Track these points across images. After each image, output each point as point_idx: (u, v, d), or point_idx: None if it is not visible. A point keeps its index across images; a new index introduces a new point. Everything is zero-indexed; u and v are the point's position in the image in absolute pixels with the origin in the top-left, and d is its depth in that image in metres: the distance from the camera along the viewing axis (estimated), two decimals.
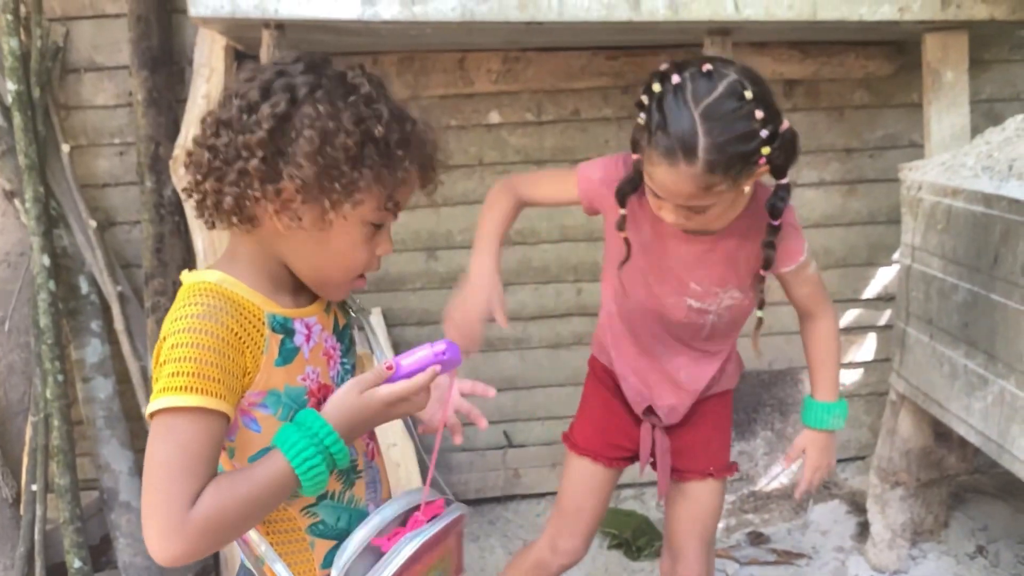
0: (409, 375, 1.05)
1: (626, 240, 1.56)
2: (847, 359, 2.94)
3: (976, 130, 2.29)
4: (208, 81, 2.43)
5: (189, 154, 1.05)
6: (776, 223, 1.48)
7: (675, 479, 1.80)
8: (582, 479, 1.82)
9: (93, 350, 2.51)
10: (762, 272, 1.55)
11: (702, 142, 1.28)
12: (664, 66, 1.36)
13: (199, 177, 1.04)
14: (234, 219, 1.03)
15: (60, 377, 2.35)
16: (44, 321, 2.33)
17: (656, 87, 1.34)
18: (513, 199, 1.66)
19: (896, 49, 2.63)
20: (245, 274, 1.07)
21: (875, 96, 2.74)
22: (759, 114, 1.30)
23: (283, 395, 1.05)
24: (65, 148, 2.50)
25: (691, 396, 1.73)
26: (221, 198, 1.02)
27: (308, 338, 1.10)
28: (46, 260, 2.36)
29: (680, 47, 2.51)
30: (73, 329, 2.50)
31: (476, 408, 1.34)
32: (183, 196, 1.11)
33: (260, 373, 1.03)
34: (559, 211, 2.74)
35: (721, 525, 2.75)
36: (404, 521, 1.14)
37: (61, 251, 2.48)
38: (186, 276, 1.08)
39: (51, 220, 2.42)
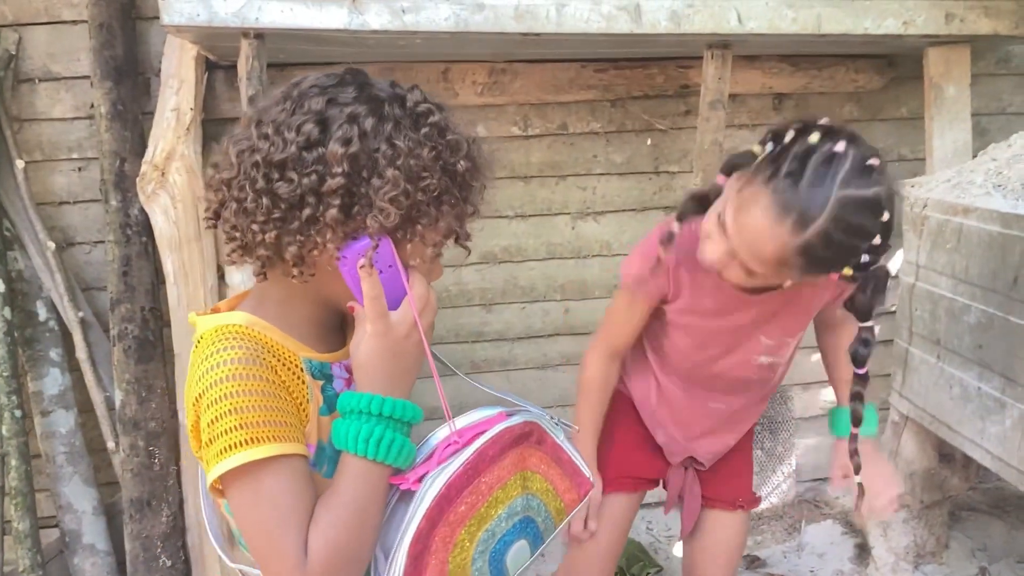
0: (392, 289, 0.92)
1: (671, 234, 1.35)
2: None
3: None
4: (178, 93, 2.28)
5: (226, 184, 0.92)
6: (861, 372, 1.31)
7: (702, 507, 1.72)
8: (609, 514, 1.69)
9: (53, 381, 2.34)
10: (855, 431, 1.39)
11: (819, 224, 1.12)
12: (828, 121, 1.18)
13: (251, 224, 0.90)
14: (295, 270, 0.91)
15: (18, 412, 2.18)
16: None
17: (814, 138, 1.14)
18: (607, 366, 1.58)
19: (886, 63, 2.60)
20: (276, 317, 0.97)
21: (864, 110, 2.71)
22: (876, 240, 1.15)
23: (327, 447, 0.95)
24: (20, 164, 2.32)
25: (736, 440, 1.67)
26: (282, 249, 0.91)
27: (348, 382, 1.00)
28: (0, 285, 2.18)
29: (676, 59, 2.45)
30: (30, 359, 2.32)
31: None
32: (205, 224, 0.98)
33: (310, 424, 0.93)
34: (545, 228, 2.65)
35: None
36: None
37: (16, 275, 2.31)
38: (204, 320, 0.97)
39: (5, 242, 2.25)
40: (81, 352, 2.34)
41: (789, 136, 1.17)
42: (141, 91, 2.39)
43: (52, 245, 2.33)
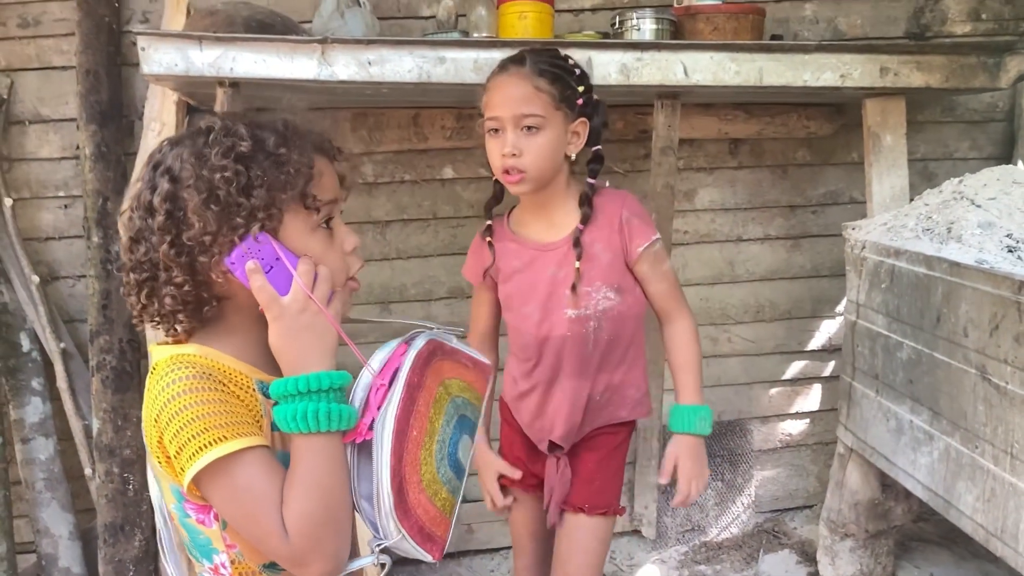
0: (285, 277, 1.02)
1: (489, 228, 1.81)
2: (793, 409, 3.00)
3: (912, 188, 2.38)
4: (159, 135, 2.40)
5: (125, 283, 1.07)
6: (592, 181, 1.69)
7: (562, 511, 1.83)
8: (518, 512, 1.92)
9: (34, 409, 2.43)
10: (580, 226, 1.67)
11: (529, 58, 1.62)
12: None
13: (140, 299, 1.05)
14: (200, 312, 1.05)
15: None
16: None
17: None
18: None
19: (835, 110, 2.73)
20: (226, 345, 1.07)
21: (816, 154, 2.83)
22: (572, 61, 1.68)
23: (280, 458, 1.04)
24: (8, 201, 2.45)
25: (579, 415, 1.75)
26: (162, 304, 1.03)
27: None
28: None
29: (634, 106, 2.58)
30: (12, 388, 2.42)
31: None
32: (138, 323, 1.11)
33: (265, 439, 1.02)
34: None
35: None
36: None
37: (1, 307, 2.41)
38: (159, 349, 1.08)
39: None
40: (62, 382, 2.44)
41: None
42: (125, 133, 2.51)
43: (36, 279, 2.44)
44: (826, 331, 2.95)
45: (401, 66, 2.08)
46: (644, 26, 2.30)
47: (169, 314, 1.05)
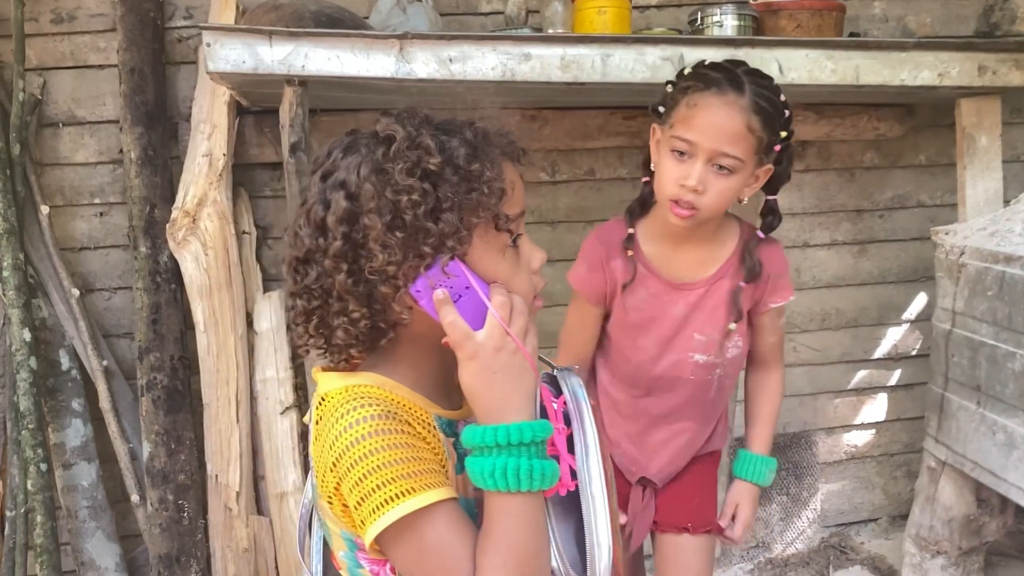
0: (476, 309, 0.89)
1: (631, 258, 1.57)
2: (859, 420, 2.90)
3: None
4: (209, 139, 2.26)
5: (291, 308, 0.95)
6: (763, 236, 1.57)
7: (653, 531, 1.75)
8: None
9: (75, 432, 2.27)
10: (742, 284, 1.57)
11: (749, 85, 1.41)
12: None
13: (308, 330, 0.94)
14: (375, 344, 0.93)
15: (43, 466, 2.11)
16: (25, 403, 2.10)
17: (686, 70, 1.50)
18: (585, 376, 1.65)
19: (906, 112, 2.65)
20: (402, 376, 0.95)
21: (884, 157, 2.75)
22: (783, 97, 1.46)
23: (465, 503, 0.92)
24: (44, 210, 2.28)
25: (687, 458, 1.71)
26: (334, 336, 0.91)
27: None
28: (27, 334, 2.13)
29: None
30: (52, 409, 2.26)
31: None
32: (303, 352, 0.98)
33: (450, 482, 0.90)
34: None
35: None
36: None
37: (40, 323, 2.25)
38: (328, 378, 0.95)
39: (29, 289, 2.19)
40: (105, 402, 2.28)
41: (669, 86, 1.51)
42: (169, 136, 2.36)
43: (76, 292, 2.28)
44: (892, 339, 2.86)
45: (484, 63, 1.95)
46: (727, 22, 2.19)
47: (342, 347, 0.93)
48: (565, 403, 0.99)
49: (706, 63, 1.49)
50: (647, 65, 2.00)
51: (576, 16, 2.15)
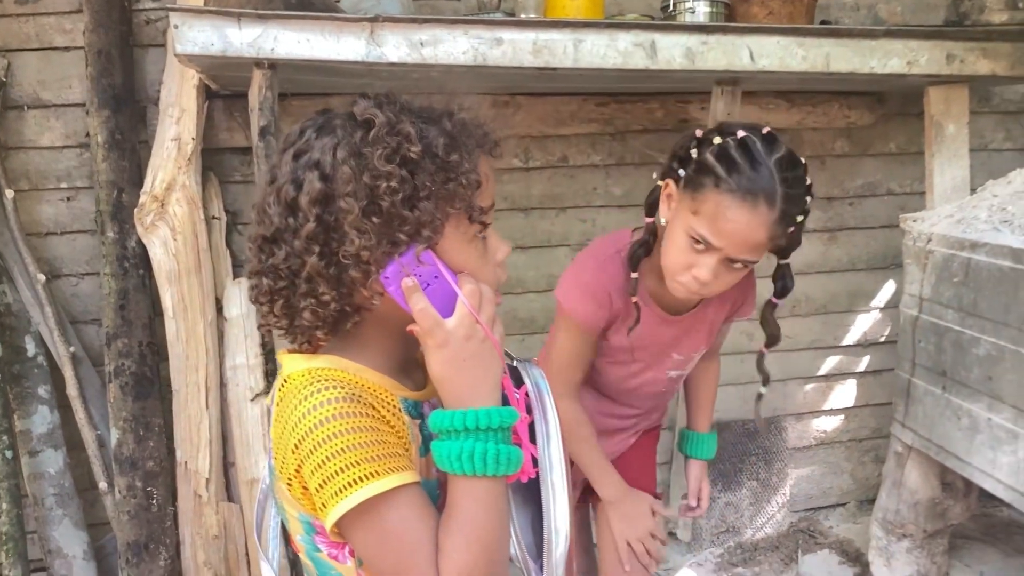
0: (446, 297, 0.89)
1: (636, 304, 1.54)
2: (828, 406, 2.94)
3: None
4: (178, 122, 2.23)
5: (254, 287, 0.93)
6: (777, 302, 1.53)
7: (594, 501, 1.79)
8: None
9: (41, 419, 2.24)
10: (764, 350, 1.60)
11: (780, 191, 1.30)
12: (702, 130, 1.40)
13: (272, 308, 0.92)
14: (340, 327, 0.92)
15: (8, 453, 2.09)
16: None
17: (716, 139, 1.36)
18: (578, 403, 1.63)
19: (876, 100, 2.67)
20: (367, 358, 0.94)
21: (855, 145, 2.77)
22: (808, 181, 1.36)
23: (428, 485, 0.92)
24: (9, 194, 2.24)
25: (635, 439, 1.81)
26: (300, 319, 0.90)
27: None
28: None
29: (683, 94, 2.48)
30: (17, 396, 2.23)
31: None
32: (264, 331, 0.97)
33: (414, 465, 0.90)
34: (546, 260, 2.64)
35: None
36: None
37: (4, 308, 2.21)
38: (292, 360, 0.94)
39: None
40: (72, 388, 2.25)
41: (693, 152, 1.37)
42: (137, 120, 2.33)
43: (42, 278, 2.25)
44: (861, 326, 2.89)
45: (455, 48, 1.94)
46: (699, 8, 2.19)
47: (307, 329, 0.92)
48: (527, 393, 1.00)
49: (738, 135, 1.34)
50: (619, 51, 2.00)
51: (548, 1, 2.14)
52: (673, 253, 1.41)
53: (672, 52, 2.02)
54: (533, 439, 0.97)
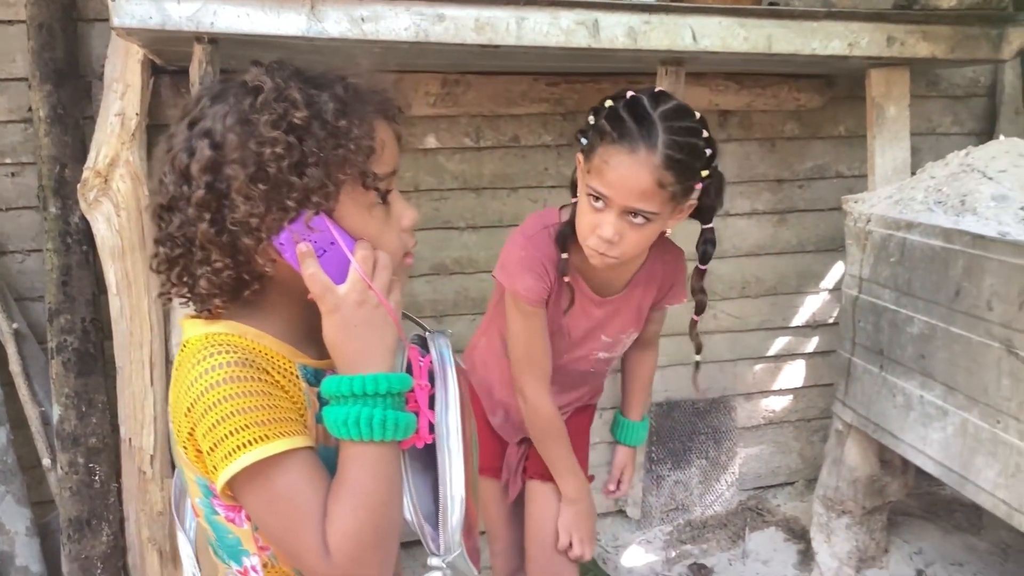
0: (340, 263, 0.90)
1: (568, 285, 1.56)
2: (777, 386, 2.97)
3: None
4: (122, 98, 2.21)
5: (154, 256, 0.94)
6: (704, 268, 1.56)
7: (525, 478, 1.81)
8: (489, 500, 1.86)
9: None
10: (695, 318, 1.62)
11: (662, 136, 1.34)
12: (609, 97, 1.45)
13: (171, 278, 0.93)
14: (238, 295, 0.93)
15: None
16: None
17: (608, 103, 1.42)
18: (551, 398, 1.65)
19: (825, 83, 2.69)
20: (269, 325, 0.95)
21: (805, 127, 2.79)
22: (705, 134, 1.40)
23: (325, 451, 0.93)
24: None
25: (567, 417, 1.81)
26: (197, 286, 0.91)
27: None
28: None
29: (630, 75, 2.48)
30: None
31: None
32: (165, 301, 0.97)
33: (309, 431, 0.91)
34: (497, 239, 2.65)
35: (660, 557, 2.71)
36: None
37: None
38: (191, 324, 0.95)
39: None
40: (15, 365, 2.23)
41: (591, 118, 1.43)
42: (82, 95, 2.30)
43: None
44: (810, 307, 2.93)
45: (397, 23, 1.94)
46: None
47: (204, 296, 0.93)
48: (432, 362, 1.01)
49: (628, 96, 1.40)
50: (562, 29, 2.01)
51: None
52: (581, 219, 1.45)
53: (615, 31, 2.03)
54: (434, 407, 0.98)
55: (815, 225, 2.85)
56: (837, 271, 2.89)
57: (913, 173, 2.30)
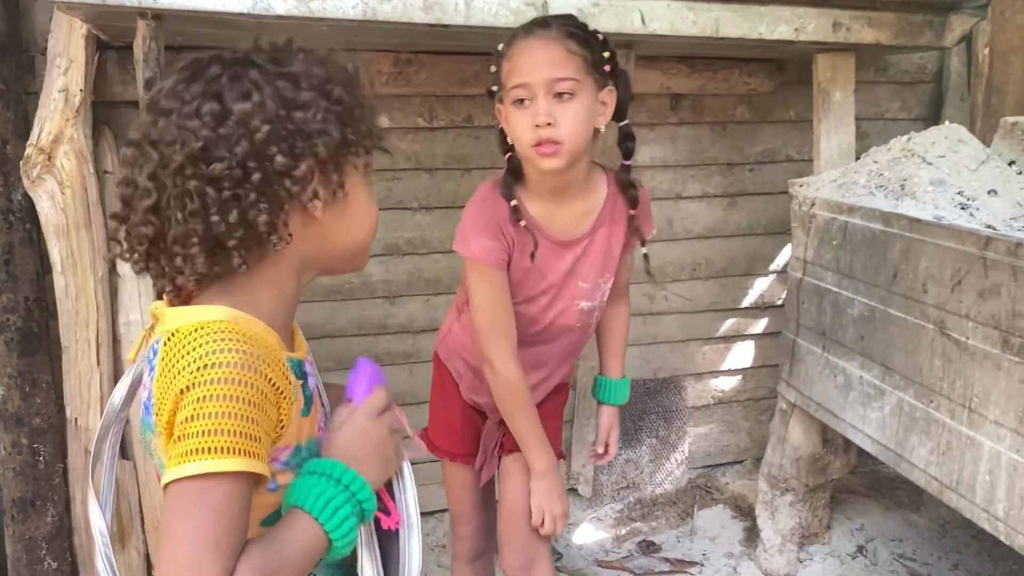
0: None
1: (526, 227, 1.57)
2: (726, 366, 3.02)
3: None
4: (66, 73, 2.17)
5: (153, 211, 0.88)
6: (628, 163, 1.62)
7: (500, 454, 1.82)
8: (457, 484, 1.88)
9: None
10: (632, 211, 1.65)
11: (552, 20, 1.51)
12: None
13: (207, 221, 0.86)
14: (274, 238, 0.90)
15: None
16: None
17: (501, 46, 1.55)
18: (520, 366, 1.62)
19: (776, 67, 2.72)
20: (260, 308, 0.92)
21: (755, 111, 2.83)
22: (596, 32, 1.54)
23: (304, 449, 0.93)
24: None
25: (547, 391, 1.81)
26: (253, 224, 0.87)
27: (313, 381, 1.00)
28: None
29: None
30: None
31: None
32: (136, 269, 0.94)
33: (291, 426, 0.90)
34: (451, 220, 2.64)
35: (610, 534, 2.75)
36: None
37: None
38: (176, 313, 0.90)
39: None
40: None
41: (494, 67, 1.58)
42: (24, 70, 2.26)
43: None
44: (759, 289, 2.97)
45: (344, 2, 1.93)
46: None
47: (192, 257, 0.87)
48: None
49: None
50: (511, 10, 2.01)
51: None
52: (516, 130, 1.50)
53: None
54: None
55: (765, 208, 2.89)
56: (786, 254, 2.94)
57: (859, 157, 2.34)
